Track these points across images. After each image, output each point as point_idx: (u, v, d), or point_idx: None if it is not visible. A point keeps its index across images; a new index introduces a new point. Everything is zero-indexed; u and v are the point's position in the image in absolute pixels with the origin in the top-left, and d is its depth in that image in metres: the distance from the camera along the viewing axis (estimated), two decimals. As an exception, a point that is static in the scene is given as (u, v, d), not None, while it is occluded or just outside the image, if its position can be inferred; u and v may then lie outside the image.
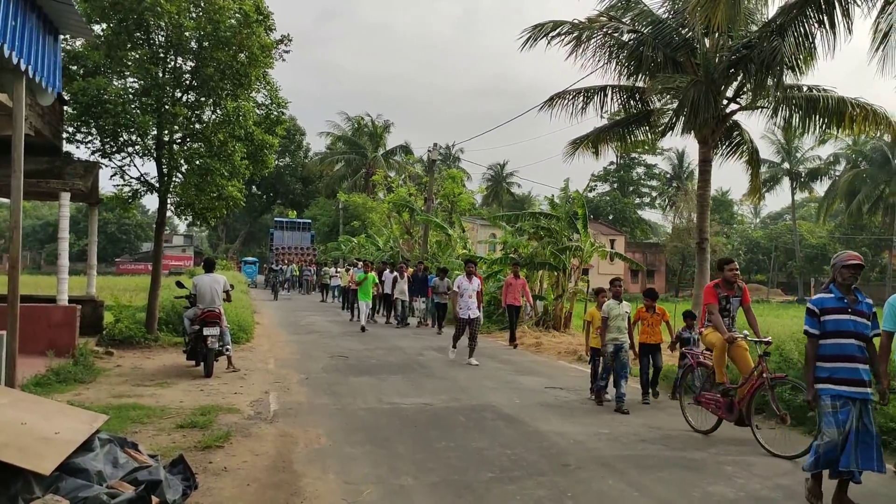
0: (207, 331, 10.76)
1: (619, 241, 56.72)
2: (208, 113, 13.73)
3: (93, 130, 12.62)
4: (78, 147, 13.11)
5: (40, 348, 10.41)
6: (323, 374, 11.42)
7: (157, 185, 13.70)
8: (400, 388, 10.26)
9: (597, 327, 9.99)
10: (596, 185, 74.36)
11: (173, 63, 13.27)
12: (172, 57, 13.20)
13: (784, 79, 13.41)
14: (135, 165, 13.54)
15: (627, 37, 15.02)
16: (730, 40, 14.01)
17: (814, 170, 59.08)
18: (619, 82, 15.68)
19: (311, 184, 67.79)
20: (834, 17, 11.99)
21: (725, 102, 14.65)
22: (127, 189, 13.66)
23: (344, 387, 10.30)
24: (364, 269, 19.82)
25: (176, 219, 73.75)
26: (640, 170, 77.28)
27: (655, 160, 74.95)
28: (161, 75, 12.99)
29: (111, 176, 13.55)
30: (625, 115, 16.44)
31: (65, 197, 12.35)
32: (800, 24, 12.59)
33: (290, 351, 14.39)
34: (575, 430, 7.85)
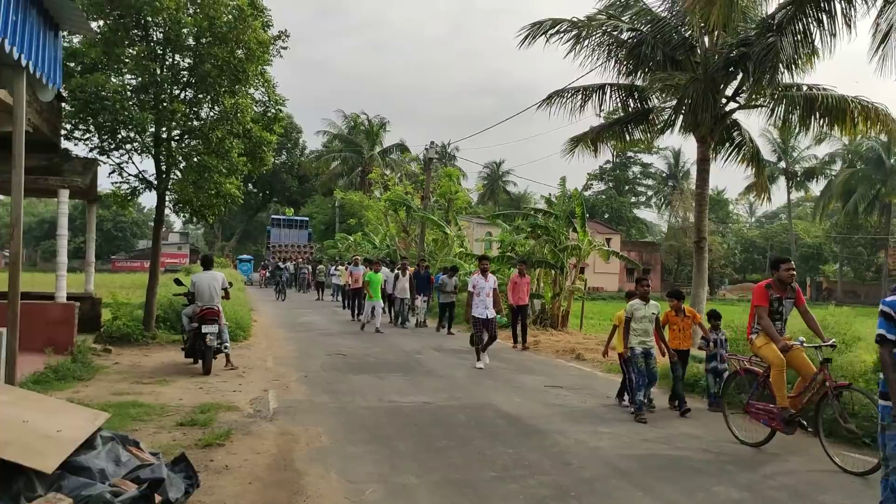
0: (206, 328, 10.73)
1: (615, 240, 56.69)
2: (206, 109, 13.71)
3: (91, 127, 12.55)
4: (76, 144, 13.09)
5: (38, 345, 10.36)
6: (322, 373, 11.40)
7: (155, 183, 13.65)
8: (399, 387, 10.24)
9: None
10: (593, 184, 74.55)
11: (171, 60, 13.23)
12: (170, 53, 13.16)
13: (783, 77, 13.40)
14: (133, 162, 13.52)
15: (626, 35, 15.02)
16: (728, 38, 13.99)
17: (810, 169, 59.19)
18: (618, 81, 15.69)
19: (308, 182, 67.75)
20: (833, 15, 11.99)
21: (724, 101, 14.65)
22: (125, 186, 13.61)
23: (343, 385, 10.28)
24: (374, 269, 18.64)
25: (172, 216, 73.72)
26: (636, 168, 77.56)
27: (651, 159, 75.32)
28: (159, 72, 12.95)
29: (109, 173, 13.48)
30: (623, 114, 16.44)
31: (63, 194, 12.30)
32: (798, 22, 12.59)
33: (288, 349, 14.35)
34: (576, 429, 7.83)
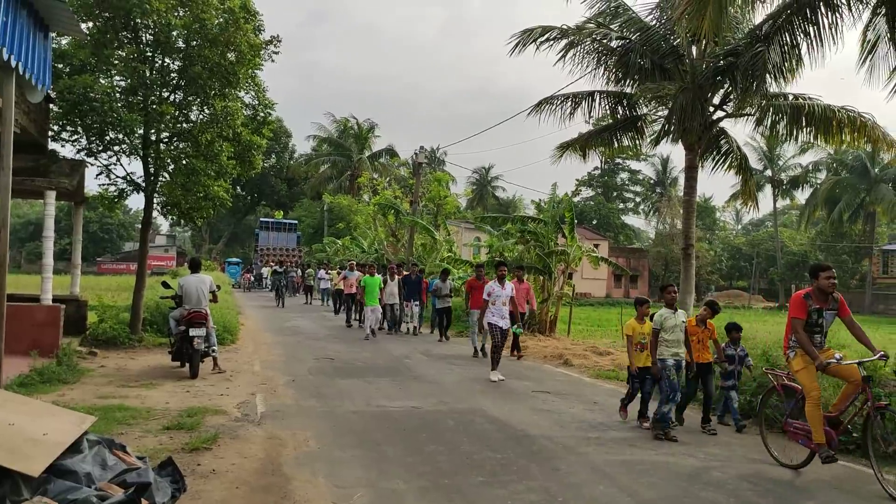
0: (194, 332, 10.67)
1: (603, 246, 56.85)
2: (196, 112, 13.67)
3: (79, 129, 12.49)
4: (63, 145, 13.00)
5: (23, 348, 10.25)
6: (309, 377, 11.37)
7: (143, 185, 13.59)
8: (387, 391, 10.23)
9: (636, 343, 8.61)
10: (581, 190, 74.84)
11: (161, 62, 13.19)
12: (160, 56, 13.12)
13: (770, 87, 13.50)
14: (121, 164, 13.46)
15: (616, 43, 15.10)
16: (716, 48, 14.11)
17: (795, 177, 59.62)
18: (608, 88, 15.75)
19: (297, 185, 67.59)
20: (820, 27, 12.10)
21: (712, 109, 14.76)
22: (113, 188, 13.54)
23: (331, 389, 10.26)
24: (369, 272, 18.41)
25: (159, 219, 73.40)
26: (625, 175, 77.99)
27: (639, 166, 75.75)
28: (148, 74, 12.91)
29: (97, 175, 13.36)
30: (612, 121, 16.51)
31: (50, 196, 12.20)
32: (785, 33, 12.70)
33: (276, 353, 14.29)
34: (564, 434, 7.86)
